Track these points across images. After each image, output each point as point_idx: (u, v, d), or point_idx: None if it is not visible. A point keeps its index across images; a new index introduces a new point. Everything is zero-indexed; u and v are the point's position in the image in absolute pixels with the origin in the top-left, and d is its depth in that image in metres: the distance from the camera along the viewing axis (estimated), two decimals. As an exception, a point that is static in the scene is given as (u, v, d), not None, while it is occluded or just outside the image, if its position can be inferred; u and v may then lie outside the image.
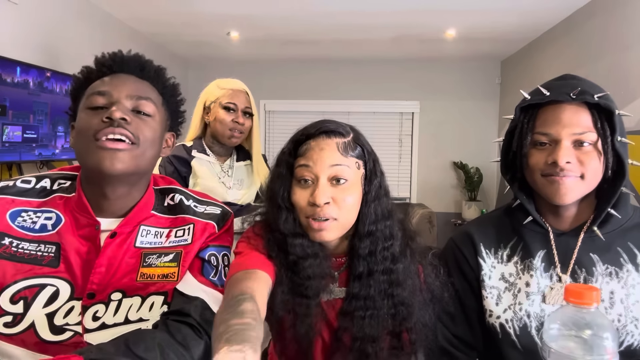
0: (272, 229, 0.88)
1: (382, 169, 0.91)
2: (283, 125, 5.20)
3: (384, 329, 0.86)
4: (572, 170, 0.83)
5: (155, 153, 0.86)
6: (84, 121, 0.80)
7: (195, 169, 1.59)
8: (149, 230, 0.87)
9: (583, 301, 0.65)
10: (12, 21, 2.56)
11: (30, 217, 0.83)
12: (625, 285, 0.85)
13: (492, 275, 0.94)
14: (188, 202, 0.93)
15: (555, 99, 0.84)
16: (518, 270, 0.92)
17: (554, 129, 0.84)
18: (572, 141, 0.83)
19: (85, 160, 0.81)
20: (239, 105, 1.61)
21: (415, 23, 3.71)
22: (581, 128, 0.83)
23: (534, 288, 0.90)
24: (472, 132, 5.03)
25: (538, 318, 0.88)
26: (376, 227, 0.88)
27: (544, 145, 0.86)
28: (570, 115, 0.83)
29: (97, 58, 0.86)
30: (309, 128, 0.88)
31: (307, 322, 0.86)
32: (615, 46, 2.82)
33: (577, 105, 0.84)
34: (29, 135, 2.50)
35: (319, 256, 0.88)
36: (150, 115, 0.84)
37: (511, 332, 0.90)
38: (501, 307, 0.92)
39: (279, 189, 0.87)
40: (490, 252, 0.95)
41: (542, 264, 0.90)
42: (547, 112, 0.86)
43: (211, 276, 0.87)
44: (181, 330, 0.77)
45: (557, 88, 0.86)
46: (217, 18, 3.65)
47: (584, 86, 0.85)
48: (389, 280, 0.87)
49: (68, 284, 0.79)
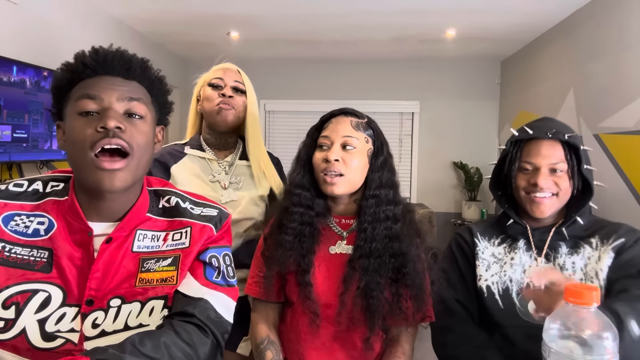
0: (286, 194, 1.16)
1: (390, 151, 1.16)
2: (283, 125, 5.20)
3: (385, 275, 1.04)
4: (549, 188, 1.11)
5: (149, 156, 0.86)
6: (77, 131, 0.78)
7: (174, 175, 1.40)
8: (145, 235, 0.86)
9: (583, 301, 0.65)
10: (12, 21, 2.56)
11: (23, 222, 0.82)
12: (583, 257, 1.11)
13: (485, 252, 1.21)
14: (184, 204, 0.92)
15: (537, 136, 1.13)
16: (505, 252, 1.20)
17: (536, 159, 1.12)
18: (549, 169, 1.11)
19: (82, 175, 0.80)
20: (227, 80, 1.43)
21: (415, 23, 3.71)
22: (556, 159, 1.11)
23: (517, 261, 1.17)
24: (472, 132, 5.03)
25: (518, 283, 1.13)
26: (380, 191, 1.09)
27: (528, 170, 1.14)
28: (547, 149, 1.12)
29: (78, 56, 0.83)
30: (334, 110, 1.16)
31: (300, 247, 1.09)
32: (615, 46, 2.82)
33: (553, 142, 1.12)
34: (18, 134, 2.43)
35: (313, 209, 1.11)
36: (142, 116, 0.83)
37: (495, 292, 1.15)
38: (490, 272, 1.17)
39: (303, 153, 1.15)
40: (484, 239, 1.23)
41: (524, 246, 1.18)
42: (530, 146, 1.14)
43: (214, 277, 0.86)
44: (187, 329, 0.77)
45: (539, 128, 1.14)
46: (217, 18, 3.65)
47: (558, 127, 1.13)
48: (389, 235, 1.07)
49: (60, 289, 0.78)
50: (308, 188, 1.12)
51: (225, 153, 1.49)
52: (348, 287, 1.04)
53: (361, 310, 1.04)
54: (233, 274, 0.91)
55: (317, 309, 1.06)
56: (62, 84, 0.83)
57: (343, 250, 1.11)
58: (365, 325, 1.05)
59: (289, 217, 1.10)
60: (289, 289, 1.12)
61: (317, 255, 1.10)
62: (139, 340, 0.70)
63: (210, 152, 1.46)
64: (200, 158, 1.45)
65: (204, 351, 0.78)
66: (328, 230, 1.14)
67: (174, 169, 1.41)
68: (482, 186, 4.91)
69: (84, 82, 0.82)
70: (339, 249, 1.11)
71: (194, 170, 1.43)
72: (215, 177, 1.43)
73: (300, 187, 1.12)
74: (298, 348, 1.10)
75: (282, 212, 1.13)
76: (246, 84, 1.47)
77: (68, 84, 0.83)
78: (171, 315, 0.80)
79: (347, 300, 1.04)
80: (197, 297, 0.82)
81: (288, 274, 1.11)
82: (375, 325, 1.03)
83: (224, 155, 1.48)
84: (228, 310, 0.86)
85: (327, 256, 1.11)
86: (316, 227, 1.11)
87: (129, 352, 0.67)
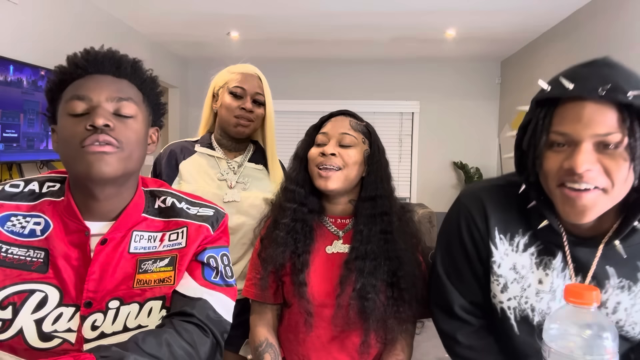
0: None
1: (386, 157, 1.16)
2: (283, 125, 5.18)
3: (381, 278, 1.04)
4: (594, 179, 0.70)
5: (141, 153, 0.85)
6: (68, 130, 0.78)
7: (182, 170, 1.41)
8: (142, 235, 0.86)
9: (583, 301, 0.65)
10: (12, 21, 2.56)
11: (19, 222, 0.82)
12: (635, 297, 0.80)
13: (502, 264, 0.86)
14: (180, 204, 0.92)
15: (579, 94, 0.70)
16: (532, 264, 0.84)
17: (573, 128, 0.70)
18: (594, 143, 0.70)
19: (72, 166, 0.80)
20: (248, 90, 1.40)
21: (415, 23, 3.71)
22: (606, 128, 0.69)
23: (547, 287, 0.84)
24: (472, 132, 5.03)
25: (542, 314, 0.84)
26: (376, 193, 1.09)
27: (561, 146, 0.73)
28: (592, 113, 0.69)
29: (70, 57, 0.84)
30: (333, 112, 1.17)
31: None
32: (615, 46, 2.82)
33: (605, 103, 0.69)
34: (8, 134, 2.39)
35: (306, 205, 1.11)
36: (132, 116, 0.82)
37: (511, 317, 0.87)
38: (506, 295, 0.87)
39: (300, 150, 1.16)
40: (504, 238, 0.86)
41: (561, 264, 0.83)
42: (567, 109, 0.72)
43: (212, 277, 0.86)
44: (187, 329, 0.77)
45: (584, 80, 0.71)
46: (217, 18, 3.65)
47: (618, 78, 0.69)
48: (385, 238, 1.07)
49: (57, 290, 0.78)
50: (302, 185, 1.12)
51: (235, 154, 1.48)
52: (344, 289, 1.04)
53: (357, 313, 1.03)
54: (231, 274, 0.91)
55: (311, 308, 1.06)
56: (54, 87, 0.84)
57: (340, 249, 1.11)
58: (361, 327, 1.04)
59: (283, 213, 1.11)
60: (286, 290, 1.12)
61: (314, 255, 1.10)
62: (142, 339, 0.70)
63: (220, 152, 1.46)
64: (209, 156, 1.45)
65: (204, 350, 0.78)
66: (324, 230, 1.14)
67: (182, 165, 1.42)
68: (482, 186, 4.90)
69: (74, 83, 0.82)
70: (335, 248, 1.11)
71: (202, 166, 1.43)
72: (223, 176, 1.42)
73: (294, 183, 1.13)
74: (297, 348, 1.10)
75: (277, 208, 1.15)
76: (266, 94, 1.45)
77: (60, 85, 0.83)
78: (170, 315, 0.80)
79: (343, 302, 1.04)
80: (196, 297, 0.82)
81: (284, 276, 1.11)
82: (370, 329, 1.03)
83: (234, 155, 1.48)
84: (227, 310, 0.86)
85: (324, 256, 1.11)
86: (309, 224, 1.11)
87: (132, 350, 0.68)
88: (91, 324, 0.78)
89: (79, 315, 0.78)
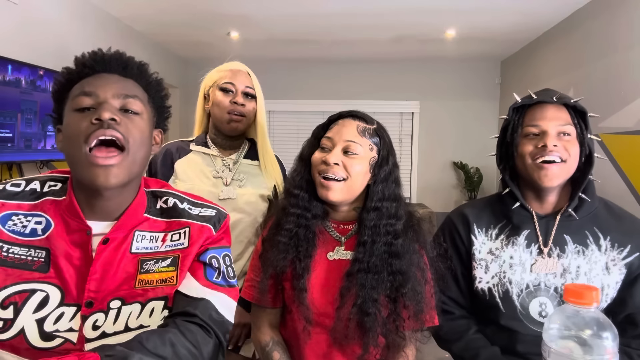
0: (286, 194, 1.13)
1: (396, 161, 1.10)
2: (283, 126, 5.20)
3: (383, 293, 1.01)
4: (558, 151, 1.03)
5: (145, 154, 0.86)
6: (73, 125, 0.79)
7: (177, 169, 1.43)
8: (144, 235, 0.86)
9: (583, 301, 0.65)
10: (11, 21, 2.56)
11: (20, 221, 0.82)
12: (589, 262, 1.06)
13: (481, 250, 1.15)
14: (182, 204, 0.92)
15: (542, 100, 1.08)
16: (502, 245, 1.13)
17: (542, 122, 1.06)
18: (557, 132, 1.05)
19: (77, 172, 0.80)
20: (238, 85, 1.42)
21: (415, 23, 3.71)
22: (563, 121, 1.05)
23: (517, 260, 1.11)
24: (472, 132, 5.03)
25: (518, 285, 1.09)
26: (382, 204, 1.04)
27: (534, 135, 1.07)
28: (553, 112, 1.06)
29: (78, 58, 0.85)
30: (342, 112, 1.10)
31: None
32: (615, 46, 2.82)
33: (559, 106, 1.07)
34: (2, 134, 2.36)
35: (310, 210, 1.07)
36: (138, 113, 0.83)
37: (496, 295, 1.11)
38: (489, 274, 1.13)
39: (305, 152, 1.11)
40: (482, 231, 1.16)
41: (525, 241, 1.11)
42: (534, 111, 1.09)
43: (214, 278, 0.86)
44: (190, 329, 0.77)
45: (542, 94, 1.10)
46: (217, 18, 3.65)
47: (562, 94, 1.09)
48: (389, 252, 1.02)
49: (58, 289, 0.78)
50: (306, 189, 1.08)
51: (230, 152, 1.49)
52: (344, 302, 1.01)
53: (356, 326, 1.00)
54: (233, 274, 0.91)
55: (309, 315, 1.03)
56: (61, 86, 0.84)
57: (342, 256, 1.08)
58: (361, 340, 1.01)
59: (286, 217, 1.08)
60: (286, 295, 1.10)
61: (315, 260, 1.07)
62: (146, 338, 0.70)
63: (215, 150, 1.47)
64: (204, 154, 1.46)
65: (207, 351, 0.78)
66: (326, 235, 1.11)
67: (178, 163, 1.43)
68: (482, 186, 4.91)
69: (81, 81, 0.83)
70: (337, 255, 1.08)
71: (197, 165, 1.44)
72: (219, 174, 1.44)
73: (298, 188, 1.09)
74: (299, 354, 1.09)
75: (280, 212, 1.11)
76: (256, 88, 1.47)
77: (67, 84, 0.83)
78: (173, 315, 0.80)
79: (343, 315, 1.01)
80: (199, 297, 0.82)
81: (285, 281, 1.08)
82: (369, 345, 0.99)
83: (229, 153, 1.49)
84: (229, 311, 0.86)
85: (325, 263, 1.08)
86: (312, 230, 1.07)
87: (137, 349, 0.68)
88: (92, 324, 0.78)
89: (80, 315, 0.78)
